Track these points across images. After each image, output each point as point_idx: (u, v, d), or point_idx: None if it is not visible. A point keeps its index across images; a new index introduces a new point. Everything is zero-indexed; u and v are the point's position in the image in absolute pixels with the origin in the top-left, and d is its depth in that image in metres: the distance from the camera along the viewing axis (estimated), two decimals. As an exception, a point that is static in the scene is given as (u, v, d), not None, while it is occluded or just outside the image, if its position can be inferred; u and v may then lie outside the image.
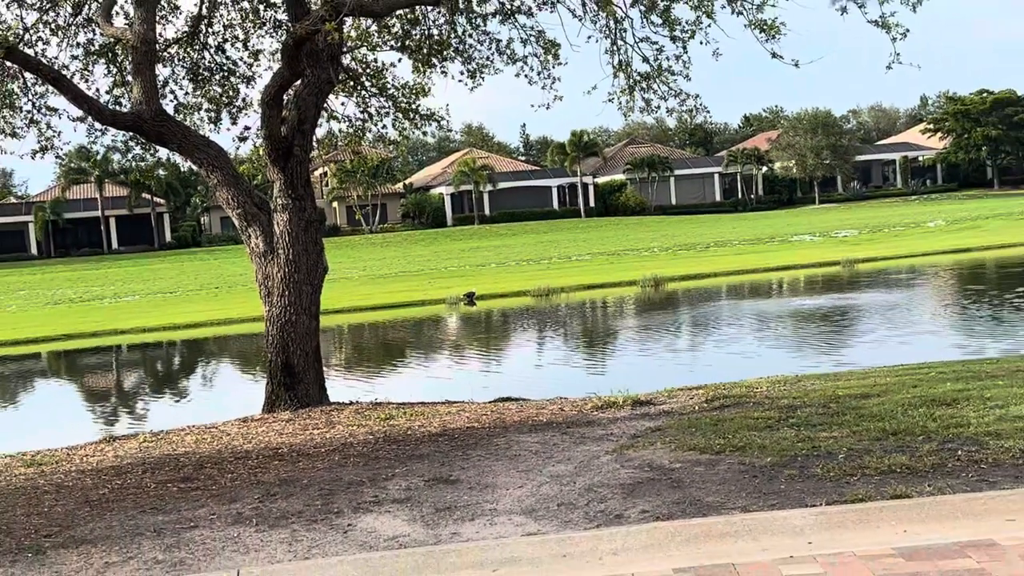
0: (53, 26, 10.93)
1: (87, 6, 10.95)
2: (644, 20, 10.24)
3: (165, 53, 11.12)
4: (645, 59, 10.36)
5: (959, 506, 4.97)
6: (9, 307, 42.46)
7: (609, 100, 10.84)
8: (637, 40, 10.39)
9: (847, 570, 4.13)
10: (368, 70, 11.85)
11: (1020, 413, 6.95)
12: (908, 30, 9.42)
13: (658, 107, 10.90)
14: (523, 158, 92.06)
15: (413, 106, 12.05)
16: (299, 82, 10.50)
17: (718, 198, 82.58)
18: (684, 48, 10.32)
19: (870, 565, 4.11)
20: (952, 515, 4.85)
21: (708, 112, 11.56)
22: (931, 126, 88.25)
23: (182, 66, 11.63)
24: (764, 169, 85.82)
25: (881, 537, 4.50)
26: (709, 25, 10.05)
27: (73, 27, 11.01)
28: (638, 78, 10.59)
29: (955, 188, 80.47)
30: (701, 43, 10.25)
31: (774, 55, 9.63)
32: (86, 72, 11.19)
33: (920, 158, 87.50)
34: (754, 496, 5.40)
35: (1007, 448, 5.89)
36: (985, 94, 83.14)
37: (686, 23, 10.11)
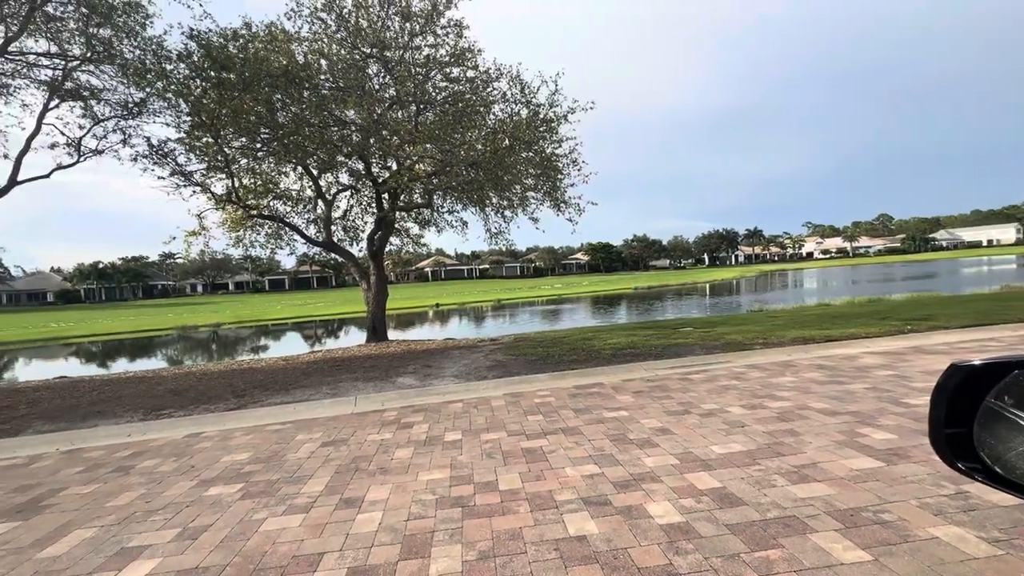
0: (296, 210, 12.19)
1: (312, 204, 12.16)
2: (495, 215, 11.71)
3: (335, 222, 12.38)
4: (496, 228, 11.90)
5: (592, 372, 6.36)
6: (277, 306, 42.53)
7: (484, 240, 12.76)
8: (493, 221, 11.93)
9: (557, 392, 5.42)
10: (403, 229, 13.40)
11: (610, 342, 8.57)
12: (578, 222, 11.44)
13: (499, 243, 12.45)
14: (455, 259, 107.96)
15: (418, 241, 13.71)
16: (380, 232, 12.12)
17: (518, 274, 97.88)
18: (508, 225, 12.04)
19: (565, 391, 5.43)
20: (591, 375, 6.19)
21: (515, 245, 13.16)
22: (584, 252, 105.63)
23: (340, 225, 12.91)
24: (532, 265, 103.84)
25: (569, 383, 5.85)
26: (514, 217, 11.75)
27: (306, 211, 12.27)
28: (493, 234, 12.09)
29: (590, 273, 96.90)
30: (514, 222, 11.96)
31: (537, 228, 12.07)
32: (307, 227, 12.25)
33: (581, 262, 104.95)
34: (530, 369, 6.83)
35: (606, 353, 7.58)
36: (600, 242, 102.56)
37: (508, 217, 11.73)
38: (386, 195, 11.98)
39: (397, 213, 12.34)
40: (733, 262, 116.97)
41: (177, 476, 3.75)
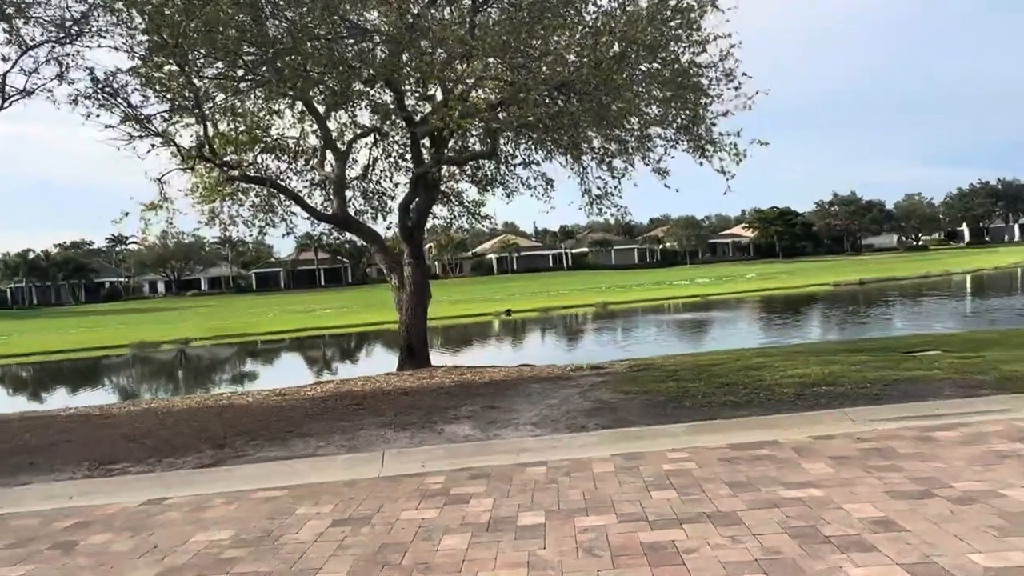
0: (293, 168, 13.22)
1: (318, 158, 13.05)
2: (598, 167, 12.03)
3: (351, 184, 13.34)
4: (599, 188, 12.45)
5: (760, 422, 6.39)
6: (268, 314, 49.83)
7: (579, 209, 12.88)
8: (594, 177, 12.37)
9: (701, 452, 5.62)
10: (453, 193, 14.17)
11: (792, 374, 8.53)
12: (734, 175, 11.37)
13: (604, 213, 12.97)
14: (534, 239, 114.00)
15: (477, 211, 14.50)
16: (417, 198, 12.75)
17: (636, 261, 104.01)
18: (619, 182, 12.31)
19: (713, 452, 5.59)
20: (757, 427, 6.28)
21: (631, 214, 13.91)
22: (747, 225, 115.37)
23: (359, 190, 13.83)
24: (660, 246, 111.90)
25: (721, 439, 5.98)
26: (628, 169, 11.98)
27: (309, 169, 13.24)
28: (595, 197, 12.55)
29: (756, 258, 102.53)
30: (628, 178, 12.18)
31: (666, 186, 11.89)
32: (310, 194, 13.38)
33: (741, 241, 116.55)
34: (654, 417, 6.87)
35: (785, 392, 7.51)
36: (774, 208, 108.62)
37: (619, 169, 12.00)
38: (426, 140, 12.34)
39: (444, 168, 12.71)
40: (1018, 236, 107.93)
41: (134, 559, 4.12)
